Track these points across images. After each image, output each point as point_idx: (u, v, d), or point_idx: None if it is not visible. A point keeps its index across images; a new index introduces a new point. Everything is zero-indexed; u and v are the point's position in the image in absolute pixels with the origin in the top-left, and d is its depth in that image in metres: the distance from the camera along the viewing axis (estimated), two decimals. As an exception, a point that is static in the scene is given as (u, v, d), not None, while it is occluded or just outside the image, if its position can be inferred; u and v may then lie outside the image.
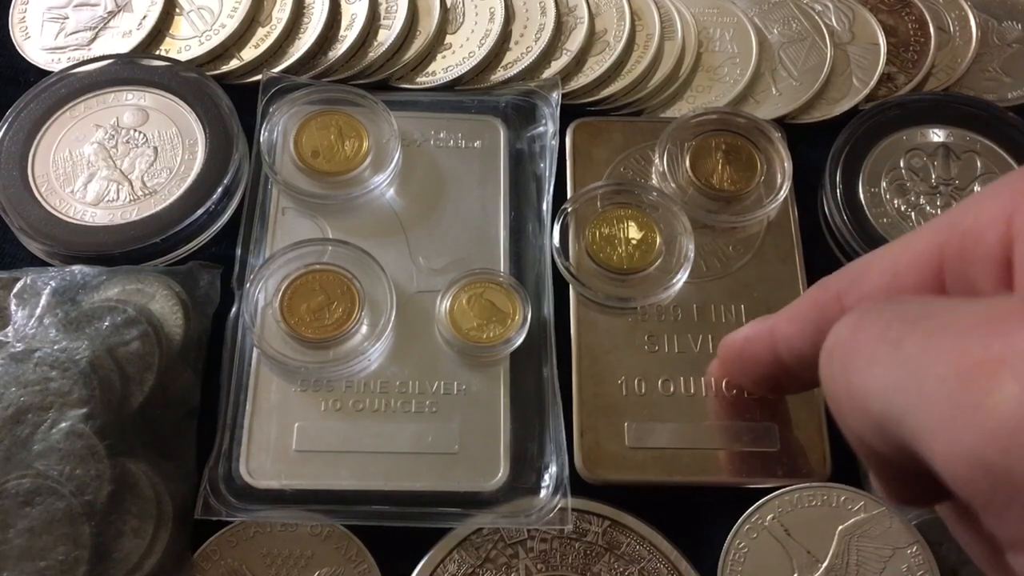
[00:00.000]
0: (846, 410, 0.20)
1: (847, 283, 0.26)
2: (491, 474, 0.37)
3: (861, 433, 0.20)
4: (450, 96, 0.46)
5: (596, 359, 0.40)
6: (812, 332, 0.27)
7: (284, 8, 0.47)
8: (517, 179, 0.44)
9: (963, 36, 0.50)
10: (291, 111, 0.43)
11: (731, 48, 0.49)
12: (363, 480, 0.37)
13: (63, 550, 0.32)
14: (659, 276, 0.41)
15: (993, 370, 0.15)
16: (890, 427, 0.18)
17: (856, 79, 0.48)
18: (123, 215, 0.42)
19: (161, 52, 0.47)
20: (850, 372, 0.20)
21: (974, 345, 0.16)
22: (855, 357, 0.19)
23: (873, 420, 0.19)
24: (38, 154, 0.43)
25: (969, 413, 0.16)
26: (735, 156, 0.44)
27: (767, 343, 0.30)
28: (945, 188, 0.45)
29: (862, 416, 0.19)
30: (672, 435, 0.38)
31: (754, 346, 0.31)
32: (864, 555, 0.36)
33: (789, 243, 0.43)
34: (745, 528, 0.37)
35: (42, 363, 0.35)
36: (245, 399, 0.38)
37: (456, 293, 0.39)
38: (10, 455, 0.33)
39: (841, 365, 0.20)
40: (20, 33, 0.48)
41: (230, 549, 0.36)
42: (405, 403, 0.38)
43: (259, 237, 0.41)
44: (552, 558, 0.36)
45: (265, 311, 0.39)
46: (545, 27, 0.48)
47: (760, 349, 0.30)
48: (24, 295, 0.38)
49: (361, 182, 0.42)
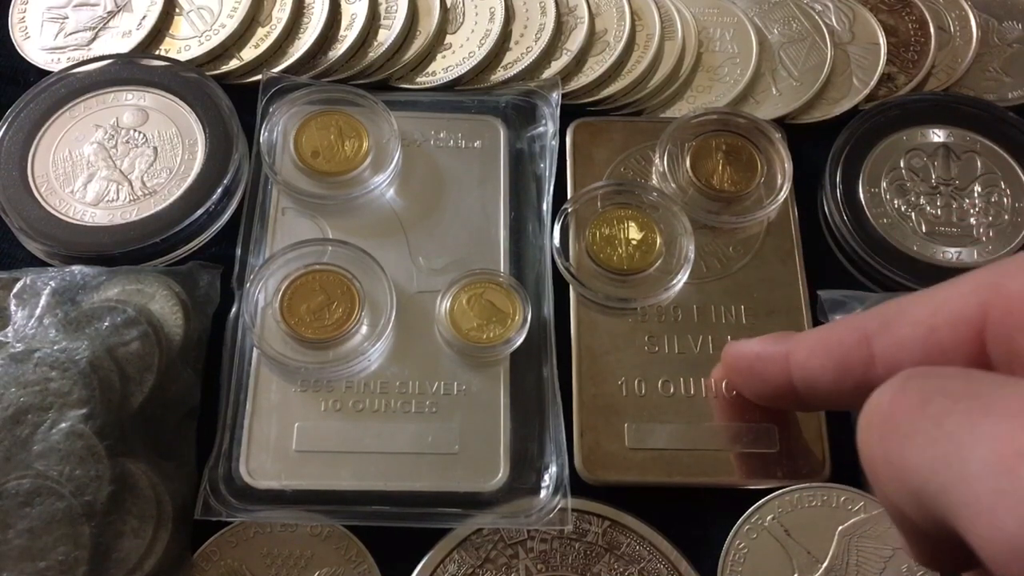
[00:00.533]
0: (883, 480, 0.20)
1: (878, 326, 0.25)
2: (491, 474, 0.37)
3: (898, 502, 0.20)
4: (450, 96, 0.46)
5: (596, 359, 0.40)
6: (833, 370, 0.26)
7: (284, 8, 0.47)
8: (517, 179, 0.44)
9: (963, 36, 0.50)
10: (291, 111, 0.43)
11: (731, 48, 0.49)
12: (363, 480, 0.37)
13: (63, 550, 0.32)
14: (659, 277, 0.41)
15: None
16: (928, 502, 0.18)
17: (856, 79, 0.48)
18: (123, 215, 0.42)
19: (161, 52, 0.47)
20: (889, 443, 0.19)
21: (1019, 431, 0.16)
22: (895, 428, 0.19)
23: (911, 493, 0.19)
24: (38, 154, 0.43)
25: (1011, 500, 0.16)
26: (735, 157, 0.44)
27: (781, 367, 0.29)
28: (945, 188, 0.45)
29: (899, 487, 0.19)
30: (672, 436, 0.38)
31: (766, 366, 0.30)
32: (864, 555, 0.36)
33: (789, 244, 0.43)
34: (745, 528, 0.37)
35: (42, 363, 0.35)
36: (245, 399, 0.38)
37: (456, 293, 0.39)
38: (10, 455, 0.33)
39: (880, 435, 0.20)
40: (20, 33, 0.48)
41: (230, 549, 0.36)
42: (405, 403, 0.38)
43: (259, 237, 0.41)
44: (552, 558, 0.36)
45: (265, 311, 0.39)
46: (545, 27, 0.48)
47: (773, 371, 0.30)
48: (24, 295, 0.38)
49: (361, 182, 0.42)
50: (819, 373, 0.27)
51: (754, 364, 0.31)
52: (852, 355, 0.25)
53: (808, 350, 0.28)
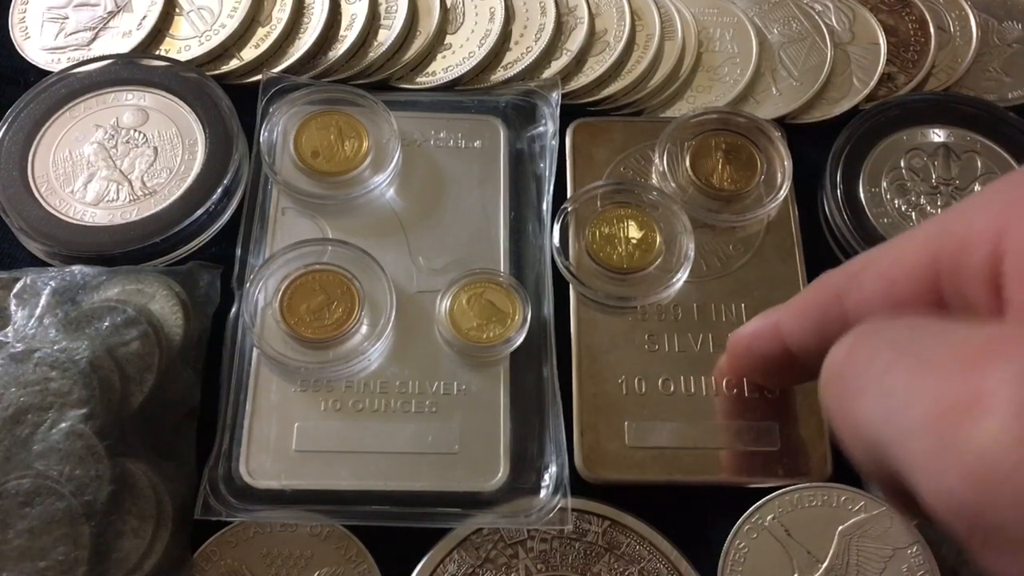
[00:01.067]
0: (842, 434, 0.20)
1: (846, 283, 0.26)
2: (491, 474, 0.37)
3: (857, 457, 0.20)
4: (450, 96, 0.46)
5: (596, 358, 0.40)
6: (815, 329, 0.27)
7: (284, 8, 0.47)
8: (517, 179, 0.44)
9: (963, 36, 0.50)
10: (291, 111, 0.43)
11: (731, 48, 0.49)
12: (363, 480, 0.37)
13: (63, 550, 0.32)
14: (659, 275, 0.41)
15: (968, 411, 0.16)
16: (879, 456, 0.18)
17: (856, 79, 0.48)
18: (123, 215, 0.42)
19: (161, 52, 0.47)
20: (842, 400, 0.20)
21: (952, 384, 0.16)
22: (846, 385, 0.20)
23: (865, 448, 0.19)
24: (38, 154, 0.43)
25: (946, 454, 0.16)
26: (735, 155, 0.44)
27: (774, 337, 0.30)
28: (945, 188, 0.45)
29: (855, 443, 0.20)
30: (672, 435, 0.38)
31: (761, 341, 0.31)
32: (864, 555, 0.36)
33: (789, 242, 0.43)
34: (745, 528, 0.37)
35: (42, 363, 0.35)
36: (245, 399, 0.38)
37: (456, 293, 0.39)
38: (10, 455, 0.33)
39: (835, 390, 0.20)
40: (20, 33, 0.48)
41: (230, 549, 0.36)
42: (405, 403, 0.38)
43: (259, 237, 0.41)
44: (552, 558, 0.36)
45: (265, 311, 0.39)
46: (545, 27, 0.48)
47: (767, 343, 0.30)
48: (24, 295, 0.38)
49: (361, 182, 0.42)
50: (807, 336, 0.27)
51: (752, 344, 0.31)
52: (828, 314, 0.26)
53: (792, 314, 0.28)
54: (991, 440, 0.15)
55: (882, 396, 0.18)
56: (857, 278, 0.25)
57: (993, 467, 0.15)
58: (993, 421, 0.15)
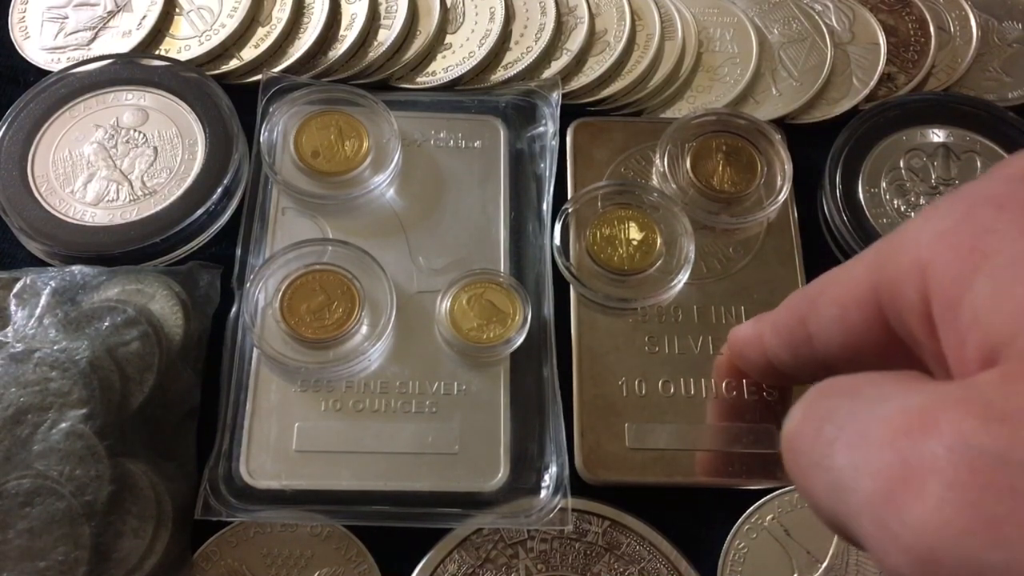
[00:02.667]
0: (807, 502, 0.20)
1: (808, 307, 0.25)
2: (491, 474, 0.37)
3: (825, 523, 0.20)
4: (450, 96, 0.46)
5: (596, 359, 0.40)
6: (787, 349, 0.27)
7: (284, 8, 0.47)
8: (517, 179, 0.44)
9: (963, 36, 0.50)
10: (291, 111, 0.43)
11: (731, 48, 0.49)
12: (363, 480, 0.37)
13: (63, 550, 0.32)
14: (660, 277, 0.41)
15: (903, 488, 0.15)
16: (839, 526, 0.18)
17: (856, 79, 0.48)
18: (123, 215, 0.42)
19: (161, 52, 0.47)
20: (795, 474, 0.20)
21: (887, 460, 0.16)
22: (797, 460, 0.20)
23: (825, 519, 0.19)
24: (38, 154, 0.43)
25: (887, 534, 0.16)
26: (735, 157, 0.44)
27: (759, 348, 0.30)
28: (945, 188, 0.45)
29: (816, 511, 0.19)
30: (672, 436, 0.38)
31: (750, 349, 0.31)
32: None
33: (789, 244, 0.43)
34: (745, 528, 0.37)
35: (42, 363, 0.35)
36: (245, 399, 0.38)
37: (456, 293, 0.39)
38: (10, 455, 0.33)
39: (789, 464, 0.20)
40: (20, 33, 0.48)
41: (230, 549, 0.36)
42: (405, 403, 0.38)
43: (259, 237, 0.41)
44: (552, 558, 0.36)
45: (265, 311, 0.39)
46: (545, 27, 0.48)
47: (755, 353, 0.30)
48: (24, 295, 0.38)
49: (361, 182, 0.42)
50: (782, 354, 0.27)
51: (743, 348, 0.32)
52: (796, 337, 0.25)
53: (770, 332, 0.28)
54: (927, 517, 0.15)
55: (828, 473, 0.18)
56: (815, 304, 0.25)
57: (933, 545, 0.15)
58: (928, 498, 0.15)
